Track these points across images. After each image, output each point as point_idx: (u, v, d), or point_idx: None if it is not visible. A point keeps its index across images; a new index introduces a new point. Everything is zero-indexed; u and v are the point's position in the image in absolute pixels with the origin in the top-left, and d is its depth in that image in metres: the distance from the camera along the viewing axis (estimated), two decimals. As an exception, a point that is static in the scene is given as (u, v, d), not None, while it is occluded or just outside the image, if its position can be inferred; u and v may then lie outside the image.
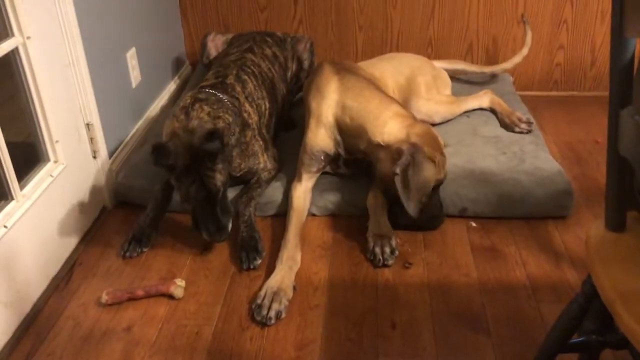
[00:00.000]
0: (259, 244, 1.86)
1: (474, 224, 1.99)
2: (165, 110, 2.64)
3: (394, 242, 1.83)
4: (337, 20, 2.88)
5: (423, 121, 2.01)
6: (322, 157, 2.02)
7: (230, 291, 1.74)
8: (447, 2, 2.80)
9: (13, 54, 1.67)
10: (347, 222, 2.02)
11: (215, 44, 2.60)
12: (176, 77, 2.91)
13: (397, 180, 1.78)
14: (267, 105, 2.19)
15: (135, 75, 2.39)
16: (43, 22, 1.76)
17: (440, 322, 1.60)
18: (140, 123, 2.45)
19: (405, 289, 1.72)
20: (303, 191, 2.01)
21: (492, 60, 2.89)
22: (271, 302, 1.62)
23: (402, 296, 1.70)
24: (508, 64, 2.70)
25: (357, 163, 2.05)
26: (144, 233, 1.92)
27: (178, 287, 1.72)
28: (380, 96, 1.97)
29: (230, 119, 1.88)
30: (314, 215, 2.04)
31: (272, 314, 1.60)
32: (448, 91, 2.50)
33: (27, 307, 1.68)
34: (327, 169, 2.09)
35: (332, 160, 2.05)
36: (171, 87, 2.83)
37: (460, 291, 1.71)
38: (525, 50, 2.69)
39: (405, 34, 2.88)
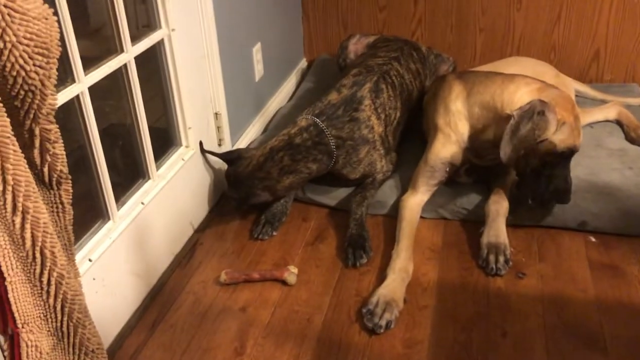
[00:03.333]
0: (366, 243, 1.88)
1: (593, 239, 1.91)
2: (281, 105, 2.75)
3: (508, 252, 1.80)
4: (458, 21, 2.84)
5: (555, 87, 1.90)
6: (447, 169, 1.99)
7: (339, 283, 1.79)
8: (575, 5, 2.67)
9: (159, 44, 1.81)
10: (458, 227, 2.01)
11: (356, 48, 2.57)
12: (293, 73, 3.00)
13: (509, 125, 1.74)
14: (398, 115, 2.20)
15: (259, 69, 2.50)
16: (185, 16, 1.88)
17: (554, 336, 1.56)
18: (260, 115, 2.56)
19: (518, 299, 1.69)
20: (417, 204, 1.99)
21: (617, 69, 2.75)
22: (383, 311, 1.62)
23: (514, 305, 1.67)
24: (635, 101, 2.53)
25: (479, 170, 2.02)
26: (276, 217, 2.02)
27: (291, 273, 1.78)
28: (502, 75, 1.94)
29: (311, 168, 1.95)
30: (423, 218, 2.03)
31: (383, 322, 1.60)
32: (571, 100, 2.41)
33: (154, 280, 1.82)
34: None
35: (455, 170, 2.02)
36: (289, 82, 2.93)
37: (575, 306, 1.66)
38: None
39: (528, 37, 2.80)
